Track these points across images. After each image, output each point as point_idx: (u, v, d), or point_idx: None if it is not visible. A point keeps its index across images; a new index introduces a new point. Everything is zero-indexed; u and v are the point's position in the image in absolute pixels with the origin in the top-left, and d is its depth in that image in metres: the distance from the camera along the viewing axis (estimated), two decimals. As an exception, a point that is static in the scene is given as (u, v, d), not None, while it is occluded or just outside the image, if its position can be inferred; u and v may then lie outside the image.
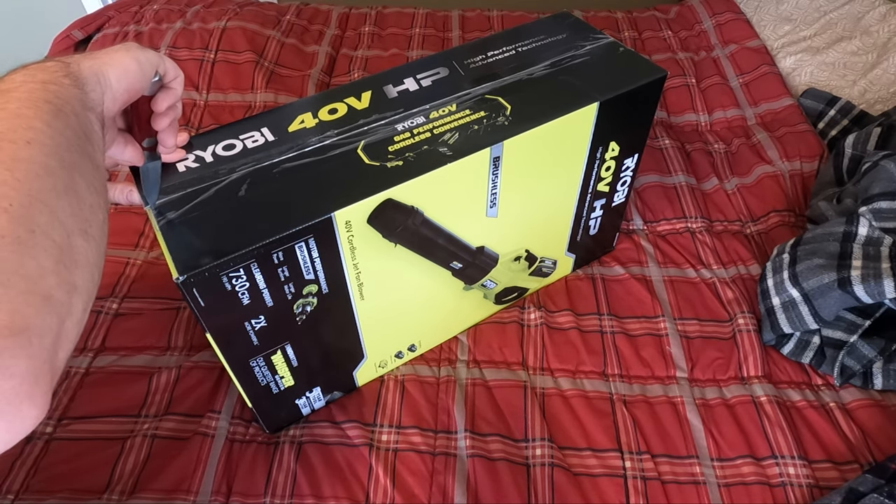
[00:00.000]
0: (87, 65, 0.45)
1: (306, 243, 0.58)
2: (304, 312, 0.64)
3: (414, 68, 0.74)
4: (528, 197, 0.75)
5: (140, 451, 0.72)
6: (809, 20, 1.35)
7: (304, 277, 0.61)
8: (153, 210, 0.58)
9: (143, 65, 0.49)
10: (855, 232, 0.83)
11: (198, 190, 0.59)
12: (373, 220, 0.61)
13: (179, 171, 0.61)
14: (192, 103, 1.22)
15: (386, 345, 0.77)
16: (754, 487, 0.72)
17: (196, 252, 0.53)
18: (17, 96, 0.38)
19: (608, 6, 1.56)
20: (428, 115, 0.67)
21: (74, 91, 0.42)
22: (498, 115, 0.67)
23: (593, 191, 0.82)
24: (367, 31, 1.45)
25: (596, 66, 0.74)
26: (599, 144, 0.75)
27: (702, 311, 0.89)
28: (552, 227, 0.83)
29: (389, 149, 0.63)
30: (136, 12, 1.40)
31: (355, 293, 0.67)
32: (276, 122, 0.67)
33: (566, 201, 0.81)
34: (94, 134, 0.42)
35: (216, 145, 0.64)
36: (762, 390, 0.80)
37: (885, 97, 1.15)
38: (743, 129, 1.20)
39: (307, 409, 0.76)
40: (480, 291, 0.82)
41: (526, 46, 0.78)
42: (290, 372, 0.69)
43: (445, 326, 0.84)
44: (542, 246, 0.84)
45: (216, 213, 0.57)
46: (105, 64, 0.46)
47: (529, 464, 0.73)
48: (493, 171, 0.67)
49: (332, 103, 0.69)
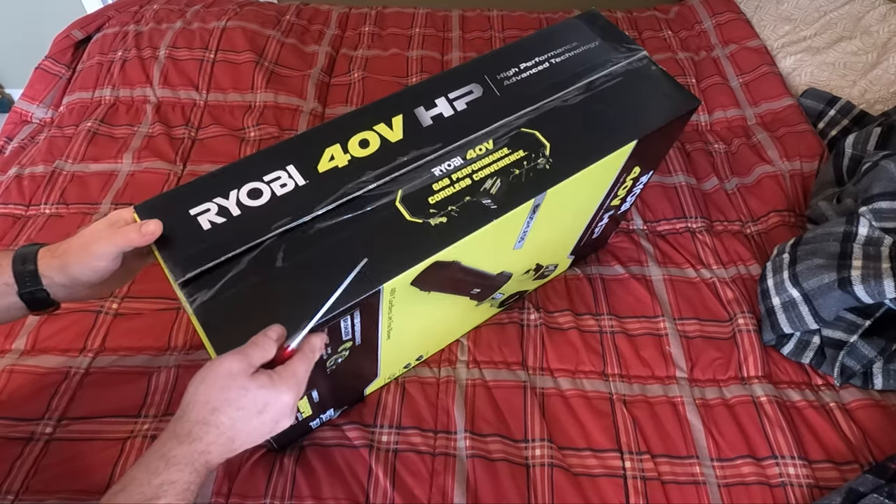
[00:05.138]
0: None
1: (351, 317, 0.55)
2: (335, 364, 0.63)
3: (445, 84, 0.69)
4: (553, 227, 0.74)
5: (140, 452, 0.72)
6: (809, 20, 1.35)
7: (343, 339, 0.59)
8: (181, 288, 0.52)
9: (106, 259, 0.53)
10: (855, 232, 0.82)
11: (229, 260, 0.53)
12: (416, 282, 0.59)
13: (203, 228, 0.54)
14: (192, 103, 1.22)
15: (398, 362, 0.78)
16: (754, 487, 0.72)
17: (240, 339, 0.49)
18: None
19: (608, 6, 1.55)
20: (465, 156, 0.63)
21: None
22: (538, 155, 0.64)
23: (607, 206, 0.82)
24: (367, 30, 1.45)
25: (630, 92, 0.71)
26: (625, 172, 0.74)
27: (702, 310, 0.89)
28: (564, 242, 0.83)
29: (430, 200, 0.59)
30: (136, 12, 1.39)
31: (383, 336, 0.65)
32: (303, 158, 0.60)
33: (583, 220, 0.80)
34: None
35: (239, 190, 0.57)
36: (762, 390, 0.80)
37: (885, 97, 1.15)
38: (743, 129, 1.20)
39: (317, 424, 0.76)
40: (488, 302, 0.82)
41: (559, 57, 0.74)
42: (311, 406, 0.68)
43: (451, 334, 0.84)
44: (551, 257, 0.85)
45: (254, 294, 0.52)
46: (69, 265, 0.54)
47: (529, 464, 0.73)
48: (530, 216, 0.65)
49: (362, 132, 0.63)
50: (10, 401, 0.76)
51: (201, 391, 0.47)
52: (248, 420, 0.48)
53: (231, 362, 0.47)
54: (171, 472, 0.46)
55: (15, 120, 1.25)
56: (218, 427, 0.47)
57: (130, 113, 1.20)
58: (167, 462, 0.46)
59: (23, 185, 1.05)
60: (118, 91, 1.24)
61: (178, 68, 1.26)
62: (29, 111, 1.25)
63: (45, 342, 0.82)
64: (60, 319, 0.84)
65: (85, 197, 1.02)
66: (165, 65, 1.26)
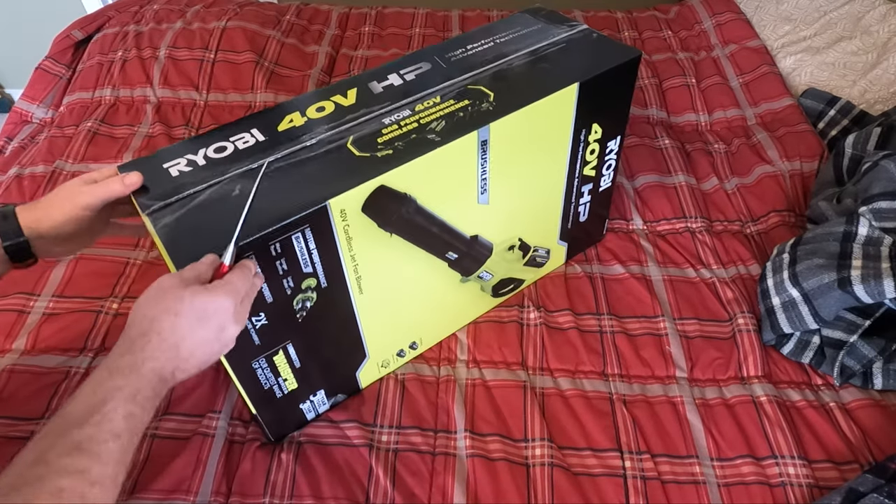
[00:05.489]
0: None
1: (303, 234, 0.58)
2: (304, 308, 0.64)
3: (398, 65, 0.76)
4: (518, 182, 0.76)
5: (140, 451, 0.72)
6: (809, 20, 1.35)
7: (303, 270, 0.61)
8: (148, 216, 0.58)
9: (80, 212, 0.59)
10: (855, 232, 0.82)
11: (192, 194, 0.60)
12: (367, 209, 0.62)
13: (172, 175, 0.62)
14: (193, 103, 1.22)
15: (387, 342, 0.78)
16: (754, 487, 0.72)
17: (195, 251, 0.53)
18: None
19: (608, 6, 1.56)
20: (414, 108, 0.69)
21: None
22: (482, 102, 0.69)
23: (580, 175, 0.84)
24: (367, 30, 1.45)
25: (573, 52, 0.77)
26: (582, 127, 0.77)
27: (701, 310, 0.89)
28: (543, 214, 0.85)
29: (378, 140, 0.65)
30: (136, 12, 1.40)
31: (354, 287, 0.67)
32: (266, 123, 0.68)
33: (555, 186, 0.82)
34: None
35: (207, 148, 0.65)
36: (762, 390, 0.80)
37: (885, 97, 1.15)
38: (743, 129, 1.20)
39: (311, 414, 0.76)
40: (477, 284, 0.82)
41: (504, 38, 0.80)
42: (293, 373, 0.69)
43: (445, 322, 0.84)
44: (535, 234, 0.85)
45: (211, 213, 0.58)
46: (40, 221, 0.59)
47: (529, 464, 0.73)
48: (481, 156, 0.68)
49: (320, 102, 0.71)
50: (10, 401, 0.76)
51: (138, 313, 0.50)
52: (191, 328, 0.49)
53: (163, 279, 0.51)
54: (115, 380, 0.46)
55: (15, 120, 1.25)
56: (159, 334, 0.48)
57: (130, 113, 1.20)
58: (111, 372, 0.47)
59: (23, 185, 1.05)
60: (118, 91, 1.24)
61: (179, 68, 1.26)
62: (29, 111, 1.26)
63: (45, 342, 0.82)
64: (60, 319, 0.84)
65: (85, 197, 1.02)
66: (165, 65, 1.26)
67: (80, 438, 0.43)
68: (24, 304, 0.87)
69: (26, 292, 0.88)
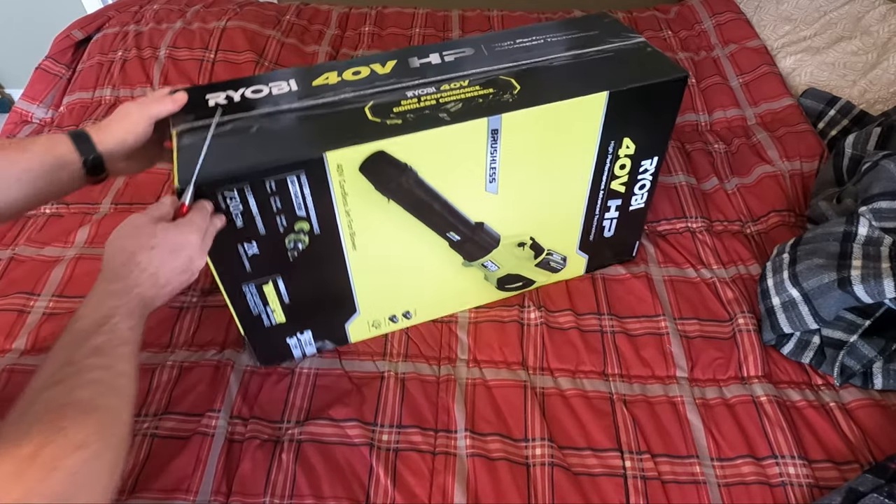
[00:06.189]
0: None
1: (298, 178, 0.62)
2: (295, 249, 0.68)
3: (442, 46, 0.78)
4: (532, 179, 0.76)
5: (139, 451, 0.72)
6: (809, 20, 1.35)
7: (296, 213, 0.65)
8: (176, 134, 0.64)
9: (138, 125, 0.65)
10: (855, 232, 0.83)
11: (218, 123, 0.65)
12: (365, 170, 0.64)
13: (209, 105, 0.68)
14: (192, 103, 1.22)
15: (379, 304, 0.79)
16: (754, 487, 0.72)
17: (197, 169, 0.59)
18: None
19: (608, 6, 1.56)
20: (439, 87, 0.71)
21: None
22: (505, 92, 0.70)
23: (606, 188, 0.82)
24: (367, 30, 1.45)
25: (616, 62, 0.75)
26: (611, 138, 0.75)
27: (702, 310, 0.89)
28: (561, 219, 0.83)
29: (394, 110, 0.67)
30: (136, 12, 1.40)
31: (347, 241, 0.70)
32: (304, 76, 0.73)
33: (575, 193, 0.81)
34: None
35: (248, 88, 0.71)
36: (762, 390, 0.80)
37: (885, 97, 1.15)
38: (743, 129, 1.20)
39: (298, 352, 0.79)
40: (481, 272, 0.82)
41: (555, 38, 0.80)
42: (282, 307, 0.73)
43: (443, 300, 0.85)
44: (550, 237, 0.84)
45: (225, 143, 0.63)
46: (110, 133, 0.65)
47: (529, 463, 0.73)
48: (491, 144, 0.69)
49: (359, 66, 0.75)
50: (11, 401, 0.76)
51: (115, 246, 0.55)
52: (165, 259, 0.55)
53: (133, 217, 0.57)
54: (112, 300, 0.52)
55: (15, 120, 1.25)
56: (139, 265, 0.54)
57: (131, 113, 1.20)
58: (107, 294, 0.52)
59: (23, 184, 1.05)
60: (118, 91, 1.24)
61: (179, 68, 1.26)
62: (29, 111, 1.26)
63: (45, 342, 0.82)
64: (61, 319, 0.84)
65: (85, 197, 1.02)
66: (165, 65, 1.26)
67: (97, 343, 0.49)
68: (25, 303, 0.87)
69: (26, 292, 0.88)
